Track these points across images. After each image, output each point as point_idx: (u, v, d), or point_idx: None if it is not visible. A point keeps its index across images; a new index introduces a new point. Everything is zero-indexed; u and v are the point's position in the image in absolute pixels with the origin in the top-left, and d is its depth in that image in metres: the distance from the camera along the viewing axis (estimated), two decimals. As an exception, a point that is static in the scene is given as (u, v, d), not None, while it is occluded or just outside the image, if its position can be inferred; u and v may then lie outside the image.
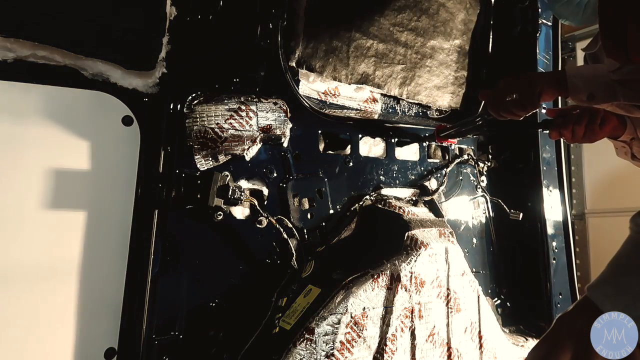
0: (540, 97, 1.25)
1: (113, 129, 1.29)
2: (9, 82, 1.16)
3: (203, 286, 1.39)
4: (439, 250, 1.60)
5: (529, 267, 2.17)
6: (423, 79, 1.99)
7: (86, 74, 1.25)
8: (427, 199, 1.91)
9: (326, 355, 1.32)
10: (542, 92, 1.24)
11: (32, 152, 1.19)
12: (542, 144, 2.19)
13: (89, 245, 1.24)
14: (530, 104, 1.27)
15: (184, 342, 1.34)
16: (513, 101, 1.28)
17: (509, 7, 2.23)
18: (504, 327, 2.10)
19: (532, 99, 1.26)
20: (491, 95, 1.36)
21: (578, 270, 2.40)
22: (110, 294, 1.26)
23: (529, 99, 1.26)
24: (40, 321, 1.18)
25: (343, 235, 1.65)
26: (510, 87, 1.29)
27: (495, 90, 1.35)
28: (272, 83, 1.53)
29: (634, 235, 1.03)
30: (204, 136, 1.35)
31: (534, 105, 1.27)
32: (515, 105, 1.29)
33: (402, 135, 1.91)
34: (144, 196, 1.30)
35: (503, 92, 1.31)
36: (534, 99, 1.26)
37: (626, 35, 0.83)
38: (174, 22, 1.35)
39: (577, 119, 1.34)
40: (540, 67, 2.20)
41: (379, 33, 1.83)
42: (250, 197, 1.45)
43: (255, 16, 1.50)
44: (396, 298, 1.46)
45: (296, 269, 1.51)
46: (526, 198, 2.19)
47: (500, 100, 1.32)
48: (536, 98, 1.25)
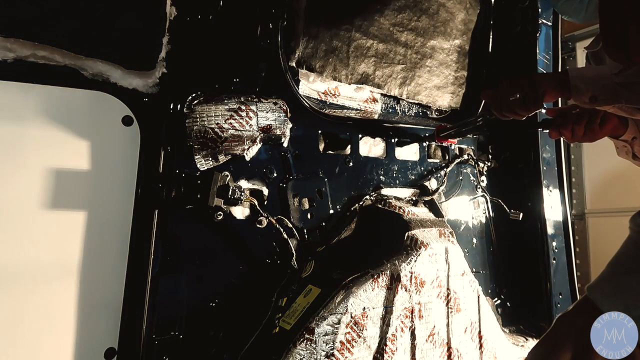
0: (543, 97, 1.25)
1: (113, 129, 1.29)
2: (9, 82, 1.17)
3: (203, 286, 1.39)
4: (439, 250, 1.60)
5: (529, 267, 2.17)
6: (423, 79, 1.99)
7: (86, 74, 1.25)
8: (427, 199, 1.91)
9: (326, 355, 1.32)
10: (546, 92, 1.25)
11: (32, 152, 1.19)
12: (542, 144, 2.19)
13: (89, 245, 1.25)
14: (533, 104, 1.27)
15: (184, 342, 1.34)
16: (516, 101, 1.28)
17: (509, 7, 2.23)
18: (504, 327, 2.10)
19: (536, 99, 1.26)
20: (494, 95, 1.36)
21: (578, 270, 2.41)
22: (110, 294, 1.26)
23: (532, 99, 1.26)
24: (40, 321, 1.18)
25: (343, 235, 1.65)
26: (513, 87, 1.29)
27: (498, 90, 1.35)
28: (272, 83, 1.53)
29: (633, 235, 1.04)
30: (204, 136, 1.35)
31: (538, 105, 1.27)
32: (518, 105, 1.29)
33: (402, 135, 1.91)
34: (144, 196, 1.30)
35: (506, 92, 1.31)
36: (538, 99, 1.26)
37: (627, 36, 0.83)
38: (174, 22, 1.35)
39: (577, 119, 1.34)
40: (540, 67, 2.20)
41: (379, 33, 1.83)
42: (250, 197, 1.45)
43: (255, 16, 1.50)
44: (396, 298, 1.46)
45: (296, 269, 1.51)
46: (526, 198, 2.19)
47: (504, 100, 1.32)
48: (540, 98, 1.26)
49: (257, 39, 1.50)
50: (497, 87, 1.35)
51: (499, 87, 1.34)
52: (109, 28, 1.27)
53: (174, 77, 1.35)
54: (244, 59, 1.49)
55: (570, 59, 3.32)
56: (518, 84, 1.29)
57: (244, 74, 1.48)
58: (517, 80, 1.31)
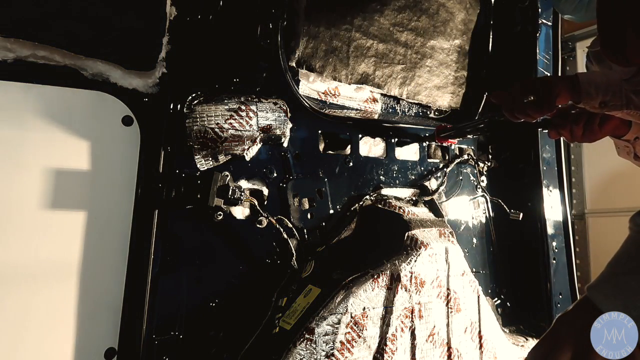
0: (557, 99, 1.25)
1: (113, 129, 1.29)
2: (9, 82, 1.17)
3: (203, 286, 1.39)
4: (439, 250, 1.60)
5: (529, 267, 2.17)
6: (423, 79, 1.99)
7: (86, 74, 1.25)
8: (427, 199, 1.90)
9: (326, 355, 1.32)
10: (559, 94, 1.25)
11: (32, 152, 1.19)
12: (542, 144, 2.19)
13: (89, 245, 1.25)
14: (547, 106, 1.27)
15: (184, 342, 1.34)
16: (530, 103, 1.28)
17: (509, 7, 2.23)
18: (504, 327, 2.10)
19: (549, 101, 1.26)
20: (506, 97, 1.36)
21: (578, 270, 2.40)
22: (110, 294, 1.26)
23: (546, 101, 1.26)
24: (40, 321, 1.18)
25: (343, 235, 1.65)
26: (527, 89, 1.29)
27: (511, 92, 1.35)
28: (272, 83, 1.53)
29: (633, 235, 1.03)
30: (204, 136, 1.35)
31: (551, 107, 1.27)
32: (531, 107, 1.29)
33: (402, 135, 1.91)
34: (144, 196, 1.30)
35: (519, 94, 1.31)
36: (551, 101, 1.26)
37: (624, 38, 0.83)
38: (174, 22, 1.35)
39: (575, 119, 1.34)
40: (540, 67, 2.20)
41: (379, 33, 1.83)
42: (250, 197, 1.45)
43: (255, 16, 1.50)
44: (396, 298, 1.46)
45: (296, 269, 1.51)
46: (526, 198, 2.19)
47: (516, 102, 1.31)
48: (553, 101, 1.26)
49: (257, 39, 1.50)
50: (509, 89, 1.35)
51: (511, 88, 1.34)
52: (109, 28, 1.27)
53: (174, 77, 1.35)
54: (244, 59, 1.49)
55: (570, 59, 3.32)
56: (532, 86, 1.29)
57: (244, 74, 1.48)
58: (530, 82, 1.31)
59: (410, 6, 1.91)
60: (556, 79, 1.29)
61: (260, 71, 1.51)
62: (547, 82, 1.27)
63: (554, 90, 1.25)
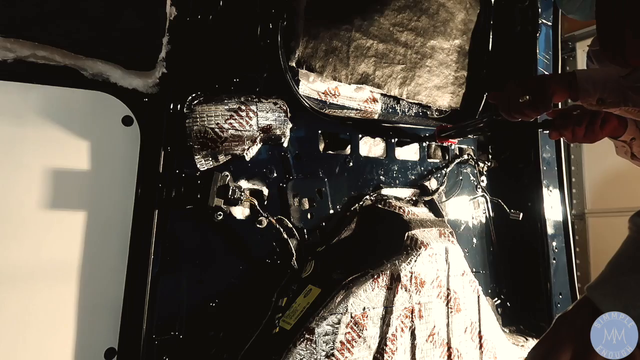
0: (552, 98, 1.25)
1: (113, 129, 1.29)
2: (9, 82, 1.17)
3: (203, 286, 1.39)
4: (439, 250, 1.60)
5: (529, 267, 2.17)
6: (423, 79, 1.99)
7: (86, 74, 1.25)
8: (427, 199, 1.90)
9: (326, 355, 1.32)
10: (555, 93, 1.24)
11: (32, 152, 1.19)
12: (542, 144, 2.18)
13: (89, 245, 1.25)
14: (542, 105, 1.27)
15: (184, 342, 1.34)
16: (526, 103, 1.28)
17: (509, 7, 2.23)
18: (504, 327, 2.10)
19: (545, 100, 1.26)
20: (502, 97, 1.36)
21: (578, 270, 2.40)
22: (110, 294, 1.26)
23: (541, 100, 1.26)
24: (40, 321, 1.18)
25: (343, 235, 1.65)
26: (522, 89, 1.29)
27: (506, 92, 1.35)
28: (272, 83, 1.53)
29: (633, 235, 1.03)
30: (204, 136, 1.35)
31: (547, 106, 1.27)
32: (527, 106, 1.29)
33: (402, 135, 1.91)
34: (144, 196, 1.30)
35: (515, 94, 1.31)
36: (547, 100, 1.26)
37: (624, 39, 0.84)
38: (174, 22, 1.35)
39: (578, 120, 1.34)
40: (540, 67, 2.20)
41: (379, 33, 1.83)
42: (250, 197, 1.45)
43: (255, 16, 1.50)
44: (396, 298, 1.46)
45: (296, 269, 1.51)
46: (526, 198, 2.18)
47: (512, 102, 1.31)
48: (548, 99, 1.25)
49: (257, 39, 1.50)
50: (505, 89, 1.35)
51: (506, 88, 1.34)
52: (109, 28, 1.27)
53: (174, 77, 1.35)
54: (244, 59, 1.49)
55: (570, 59, 3.31)
56: (526, 86, 1.28)
57: (244, 74, 1.48)
58: (525, 81, 1.30)
59: (410, 6, 1.91)
60: (550, 78, 1.29)
61: (260, 71, 1.51)
62: (542, 81, 1.27)
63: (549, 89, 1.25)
